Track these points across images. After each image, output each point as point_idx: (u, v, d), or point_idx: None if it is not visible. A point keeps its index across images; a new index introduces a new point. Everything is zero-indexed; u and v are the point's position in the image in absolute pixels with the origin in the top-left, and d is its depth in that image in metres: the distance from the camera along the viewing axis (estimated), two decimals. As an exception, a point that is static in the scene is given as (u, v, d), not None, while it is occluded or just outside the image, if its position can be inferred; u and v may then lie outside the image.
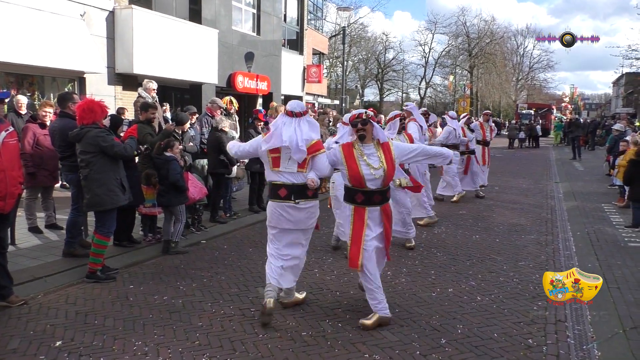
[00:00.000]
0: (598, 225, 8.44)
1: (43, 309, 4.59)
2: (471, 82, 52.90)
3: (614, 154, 11.96)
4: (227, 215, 8.30)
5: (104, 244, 5.35)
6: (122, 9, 12.38)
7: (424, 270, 5.96)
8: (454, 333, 4.24)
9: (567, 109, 51.15)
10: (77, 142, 5.21)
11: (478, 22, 52.63)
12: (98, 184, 5.15)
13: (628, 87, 53.50)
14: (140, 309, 4.63)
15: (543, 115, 41.60)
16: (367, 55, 52.13)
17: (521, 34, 59.07)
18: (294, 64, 22.84)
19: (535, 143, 30.55)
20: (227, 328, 4.26)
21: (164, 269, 5.86)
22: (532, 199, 11.32)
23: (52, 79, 11.55)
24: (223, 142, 7.58)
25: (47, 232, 6.96)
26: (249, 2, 18.14)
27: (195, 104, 12.51)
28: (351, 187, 4.43)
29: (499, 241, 7.40)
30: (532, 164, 19.72)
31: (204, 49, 14.71)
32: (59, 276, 5.38)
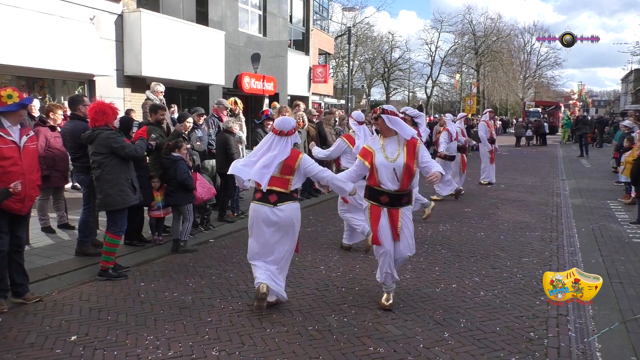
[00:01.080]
0: (603, 222, 8.49)
1: (58, 306, 4.74)
2: (478, 80, 52.82)
3: (622, 151, 11.97)
4: (234, 214, 8.43)
5: (115, 242, 5.49)
6: (131, 13, 12.58)
7: (429, 267, 6.05)
8: (457, 327, 4.34)
9: (575, 106, 50.83)
10: (90, 143, 5.36)
11: (484, 20, 52.65)
12: (110, 185, 5.30)
13: (637, 84, 53.17)
14: (152, 305, 4.77)
15: (551, 112, 41.45)
16: (373, 55, 52.23)
17: (528, 31, 58.90)
18: (300, 64, 22.97)
19: (543, 140, 30.48)
20: (235, 323, 4.39)
21: (174, 267, 6.00)
22: (538, 196, 11.37)
23: (63, 81, 11.76)
24: (230, 144, 7.71)
25: (60, 231, 7.13)
26: (255, 3, 18.29)
27: (202, 105, 12.67)
28: (372, 187, 4.67)
29: (503, 238, 7.48)
30: (538, 162, 19.72)
31: (211, 51, 14.88)
32: (73, 274, 5.54)
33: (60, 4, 10.90)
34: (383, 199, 4.64)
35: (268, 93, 18.08)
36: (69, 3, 11.08)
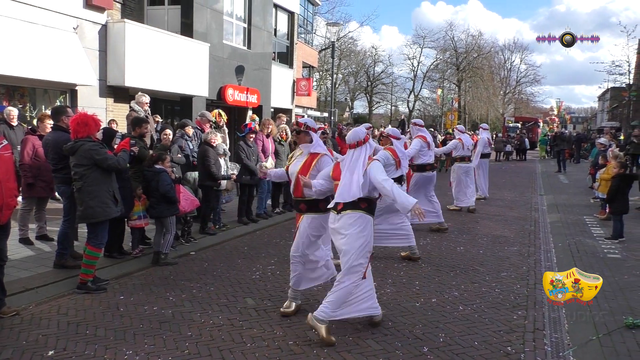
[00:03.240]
0: (579, 237, 8.67)
1: (35, 320, 4.68)
2: (459, 95, 53.62)
3: (597, 167, 12.25)
4: (216, 227, 8.42)
5: (96, 255, 5.45)
6: (115, 23, 12.55)
7: (409, 281, 6.12)
8: (436, 342, 4.40)
9: (553, 122, 51.90)
10: (71, 155, 5.33)
11: (466, 37, 53.57)
12: (91, 196, 5.27)
13: (613, 102, 54.54)
14: (131, 319, 4.74)
15: (530, 128, 42.23)
16: (357, 69, 52.70)
17: (508, 48, 60.18)
18: (284, 77, 23.09)
19: (523, 156, 31.00)
20: (216, 337, 4.38)
21: (154, 280, 5.96)
22: (517, 211, 11.56)
23: (44, 91, 11.65)
24: (207, 156, 7.72)
25: (38, 243, 7.03)
26: (240, 16, 18.38)
27: (185, 117, 12.66)
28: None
29: (482, 252, 7.59)
30: (518, 177, 20.04)
31: (195, 62, 14.89)
32: (51, 287, 5.47)
33: (44, 13, 10.84)
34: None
35: (252, 105, 18.13)
36: (52, 12, 11.02)
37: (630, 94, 38.33)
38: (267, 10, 19.88)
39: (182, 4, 15.24)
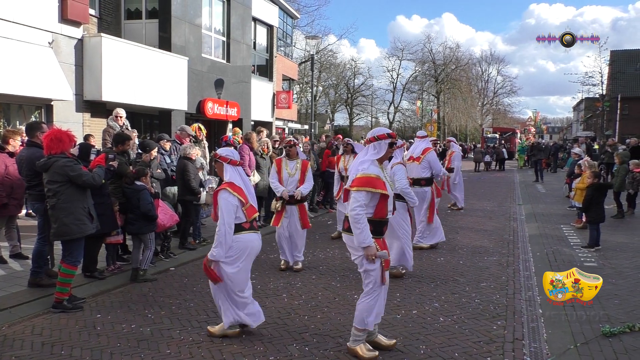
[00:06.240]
0: (557, 246, 8.79)
1: (8, 341, 4.56)
2: (438, 107, 54.34)
3: (573, 177, 12.48)
4: (196, 241, 8.33)
5: (71, 273, 5.34)
6: (91, 37, 12.45)
7: (390, 293, 6.06)
8: (417, 354, 4.40)
9: (529, 132, 52.89)
10: (45, 171, 5.24)
11: (443, 50, 54.44)
12: (66, 213, 5.18)
13: (587, 112, 55.80)
14: (108, 338, 4.64)
15: (507, 138, 42.94)
16: (337, 81, 53.08)
17: (485, 60, 61.34)
18: (264, 90, 23.13)
19: (502, 166, 31.43)
20: (195, 355, 4.32)
21: (132, 297, 5.86)
22: (496, 220, 11.69)
23: (19, 106, 11.46)
24: (187, 170, 7.66)
25: (12, 261, 6.87)
26: (219, 30, 18.40)
27: (164, 131, 12.58)
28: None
29: (462, 263, 7.65)
30: (496, 187, 20.30)
31: (174, 76, 14.83)
32: (25, 307, 5.34)
33: (18, 27, 10.69)
34: None
35: (231, 118, 18.09)
36: (26, 27, 10.87)
37: (604, 104, 39.28)
38: (246, 23, 19.94)
39: (159, 18, 15.19)
